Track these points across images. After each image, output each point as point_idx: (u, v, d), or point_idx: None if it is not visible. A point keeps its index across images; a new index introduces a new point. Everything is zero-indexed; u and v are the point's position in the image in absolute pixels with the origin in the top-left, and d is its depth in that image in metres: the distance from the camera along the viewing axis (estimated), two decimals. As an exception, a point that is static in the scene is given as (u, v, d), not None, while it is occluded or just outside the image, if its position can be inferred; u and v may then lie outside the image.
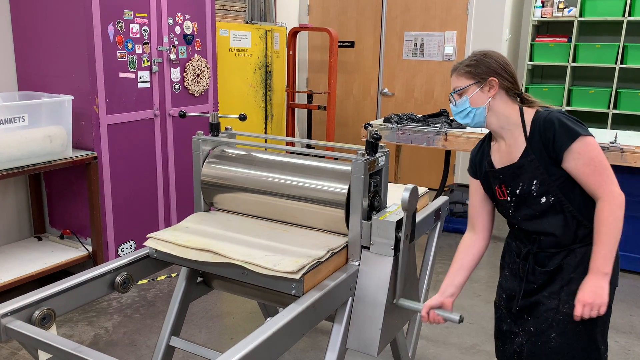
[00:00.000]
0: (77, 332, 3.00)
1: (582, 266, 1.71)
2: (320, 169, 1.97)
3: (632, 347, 2.99)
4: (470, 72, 1.75)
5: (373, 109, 6.21)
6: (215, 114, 2.20)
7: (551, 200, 1.71)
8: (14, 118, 3.02)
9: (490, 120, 1.77)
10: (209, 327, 3.10)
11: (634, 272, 3.99)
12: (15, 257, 3.41)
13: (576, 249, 1.73)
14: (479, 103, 1.75)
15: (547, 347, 1.74)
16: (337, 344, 1.81)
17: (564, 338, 1.72)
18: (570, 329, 1.71)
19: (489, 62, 1.74)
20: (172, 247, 1.88)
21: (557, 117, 1.67)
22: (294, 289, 1.68)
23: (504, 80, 1.74)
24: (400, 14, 5.86)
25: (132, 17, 3.50)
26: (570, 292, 1.70)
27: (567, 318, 1.71)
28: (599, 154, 1.65)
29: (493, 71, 1.73)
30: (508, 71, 1.75)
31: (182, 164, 4.01)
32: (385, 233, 1.82)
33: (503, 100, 1.75)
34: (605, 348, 1.78)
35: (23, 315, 1.57)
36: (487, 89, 1.74)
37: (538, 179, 1.71)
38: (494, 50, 1.80)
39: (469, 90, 1.76)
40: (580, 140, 1.63)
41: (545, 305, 1.75)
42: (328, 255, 1.80)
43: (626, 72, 5.53)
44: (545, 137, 1.67)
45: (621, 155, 3.64)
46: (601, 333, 1.75)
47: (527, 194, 1.74)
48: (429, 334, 3.06)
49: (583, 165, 1.64)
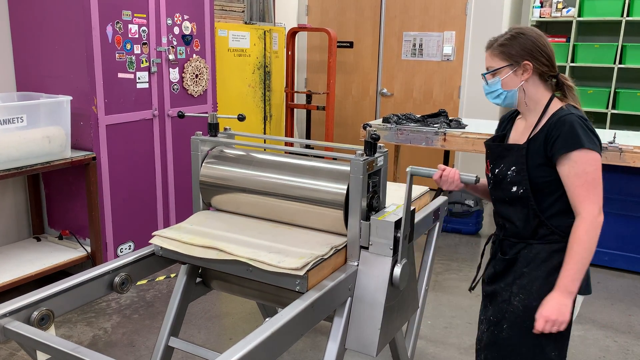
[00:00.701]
0: (75, 333, 3.00)
1: (535, 263, 1.73)
2: (319, 169, 1.97)
3: (630, 347, 3.00)
4: (504, 52, 1.72)
5: (372, 109, 6.21)
6: (214, 115, 2.20)
7: (520, 192, 1.73)
8: (12, 119, 3.02)
9: (520, 101, 1.77)
10: (208, 327, 3.10)
11: (633, 272, 3.99)
12: (13, 258, 3.41)
13: (533, 244, 1.74)
14: (511, 86, 1.74)
15: (500, 337, 1.79)
16: (336, 344, 1.81)
17: (514, 331, 1.76)
18: (519, 323, 1.74)
19: (524, 43, 1.69)
20: (177, 245, 1.89)
21: (572, 120, 1.64)
22: (298, 285, 1.70)
23: (539, 64, 1.70)
24: (399, 14, 5.86)
25: (130, 17, 3.49)
26: (522, 286, 1.74)
27: (516, 311, 1.75)
28: (595, 171, 1.62)
29: (528, 53, 1.69)
30: (544, 52, 1.70)
31: (181, 165, 4.01)
32: (384, 233, 1.81)
33: (535, 85, 1.73)
34: (559, 358, 1.75)
35: (21, 315, 1.56)
36: (520, 72, 1.71)
37: (517, 167, 1.73)
38: (532, 28, 1.75)
39: (502, 72, 1.73)
40: (581, 151, 1.61)
41: (501, 296, 1.80)
42: (331, 253, 1.82)
43: (625, 72, 5.53)
44: (550, 134, 1.67)
45: (620, 155, 3.65)
46: (553, 340, 1.72)
47: (503, 177, 1.77)
48: (428, 334, 3.06)
49: (574, 175, 1.63)
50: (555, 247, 1.72)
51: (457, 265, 4.06)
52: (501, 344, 1.79)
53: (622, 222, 3.95)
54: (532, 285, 1.73)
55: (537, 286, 1.72)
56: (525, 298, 1.74)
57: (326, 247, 1.82)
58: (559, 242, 1.71)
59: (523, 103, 1.77)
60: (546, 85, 1.75)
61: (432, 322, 3.22)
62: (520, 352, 1.75)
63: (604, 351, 2.95)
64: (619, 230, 3.97)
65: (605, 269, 4.05)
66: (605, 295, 3.63)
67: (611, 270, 4.03)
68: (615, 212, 3.95)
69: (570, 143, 1.62)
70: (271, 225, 2.04)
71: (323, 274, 1.78)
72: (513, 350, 1.76)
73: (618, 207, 3.93)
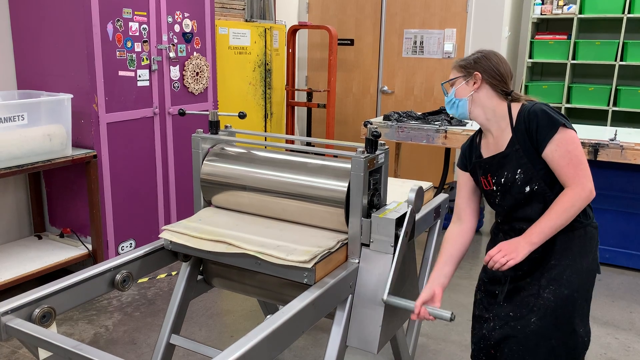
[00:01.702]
0: (77, 331, 3.01)
1: (563, 253, 1.79)
2: (320, 167, 1.98)
3: (632, 344, 3.00)
4: (460, 66, 1.89)
5: (373, 106, 6.21)
6: (214, 112, 2.20)
7: (535, 188, 1.77)
8: (13, 117, 3.02)
9: (476, 113, 1.87)
10: (209, 325, 3.11)
11: (634, 269, 3.99)
12: (15, 256, 3.41)
13: (557, 237, 1.77)
14: (463, 95, 1.88)
15: (527, 330, 1.80)
16: (337, 341, 1.81)
17: (544, 321, 1.78)
18: (549, 314, 1.78)
19: (480, 60, 1.85)
20: (187, 239, 1.92)
21: (541, 108, 1.75)
22: (306, 278, 1.72)
23: (489, 76, 1.83)
24: (399, 12, 5.85)
25: (131, 15, 3.49)
26: (551, 279, 1.78)
27: (547, 303, 1.78)
28: (576, 148, 1.70)
29: (480, 67, 1.84)
30: (496, 69, 1.83)
31: (182, 162, 4.01)
32: (385, 231, 1.82)
33: (488, 95, 1.85)
34: (585, 332, 1.84)
35: (23, 313, 1.57)
36: (472, 82, 1.85)
37: (522, 168, 1.78)
38: (495, 53, 1.88)
39: (456, 82, 1.90)
40: (561, 131, 1.70)
41: (527, 291, 1.82)
42: (338, 246, 1.85)
43: (626, 69, 5.52)
44: (529, 128, 1.74)
45: (621, 152, 3.65)
46: (580, 318, 1.81)
47: (512, 183, 1.81)
48: (429, 331, 3.06)
49: (559, 157, 1.70)
50: (577, 233, 1.79)
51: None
52: (529, 336, 1.80)
53: (624, 219, 3.95)
54: (562, 275, 1.78)
55: (568, 274, 1.78)
56: (556, 288, 1.78)
57: (333, 240, 1.85)
58: (579, 229, 1.79)
59: (479, 114, 1.87)
60: (500, 96, 1.85)
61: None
62: (551, 338, 1.79)
63: (605, 348, 2.95)
64: (620, 227, 3.97)
65: (607, 266, 4.05)
66: (607, 292, 3.63)
67: (612, 267, 4.03)
68: (617, 209, 3.95)
69: (550, 127, 1.71)
70: (277, 222, 2.06)
71: (330, 267, 1.81)
72: (542, 339, 1.79)
73: (619, 204, 3.93)
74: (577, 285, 1.78)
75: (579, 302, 1.79)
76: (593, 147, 3.71)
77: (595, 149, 3.71)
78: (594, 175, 1.77)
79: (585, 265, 1.80)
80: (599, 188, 4.51)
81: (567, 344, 1.80)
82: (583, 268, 1.79)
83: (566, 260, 1.78)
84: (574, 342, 1.81)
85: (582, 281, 1.80)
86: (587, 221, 1.82)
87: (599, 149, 3.70)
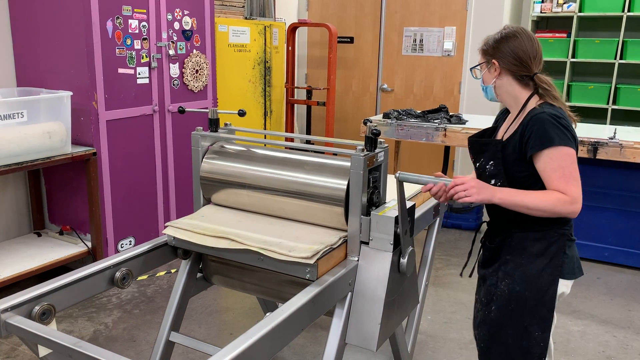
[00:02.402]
0: (77, 328, 3.01)
1: (517, 251, 1.84)
2: (320, 165, 1.98)
3: (630, 342, 3.00)
4: (482, 50, 1.89)
5: (372, 104, 6.20)
6: (214, 110, 2.20)
7: (498, 184, 1.82)
8: (13, 114, 3.02)
9: (502, 98, 1.90)
10: (208, 322, 3.11)
11: (633, 267, 4.00)
12: (14, 253, 3.41)
13: (515, 234, 1.85)
14: (488, 81, 1.90)
15: (489, 317, 1.91)
16: (337, 338, 1.82)
17: (501, 312, 1.87)
18: (504, 305, 1.86)
19: (500, 43, 1.83)
20: (190, 235, 1.94)
21: (544, 119, 1.72)
22: (308, 274, 1.74)
23: (508, 64, 1.82)
24: (399, 10, 5.85)
25: (130, 12, 3.49)
26: (506, 272, 1.86)
27: (503, 295, 1.86)
28: (570, 165, 1.70)
29: (498, 53, 1.82)
30: (515, 55, 1.80)
31: (181, 160, 4.01)
32: (384, 228, 1.82)
33: (510, 83, 1.85)
34: (542, 338, 1.85)
35: (23, 310, 1.57)
36: (493, 69, 1.86)
37: (494, 161, 1.83)
38: (517, 32, 1.83)
39: (481, 67, 1.91)
40: (553, 149, 1.70)
41: (490, 280, 1.92)
42: (340, 242, 1.86)
43: (626, 67, 5.52)
44: (524, 133, 1.75)
45: (620, 150, 3.65)
46: (535, 320, 1.83)
47: (483, 170, 1.88)
48: (427, 329, 3.07)
49: (551, 170, 1.71)
50: (536, 235, 1.82)
51: (457, 261, 4.07)
52: (490, 324, 1.91)
53: (622, 217, 3.95)
54: (515, 272, 1.84)
55: (520, 272, 1.83)
56: (510, 283, 1.85)
57: (335, 237, 1.86)
58: (538, 231, 1.81)
59: (505, 99, 1.89)
60: (522, 84, 1.84)
61: (432, 317, 3.22)
62: (507, 331, 1.87)
63: (604, 346, 2.96)
64: (619, 225, 3.97)
65: (605, 264, 4.06)
66: (605, 290, 3.64)
67: (611, 265, 4.04)
68: (616, 207, 3.95)
69: (541, 142, 1.71)
70: (279, 219, 2.07)
71: (332, 263, 1.82)
72: (501, 329, 1.88)
73: (618, 203, 3.93)
74: (530, 286, 1.81)
75: (532, 303, 1.82)
76: (592, 145, 3.71)
77: (594, 148, 3.71)
78: (592, 173, 1.79)
79: (540, 268, 1.80)
80: (598, 186, 4.54)
81: (521, 344, 1.84)
82: (537, 271, 1.81)
83: (520, 259, 1.83)
84: (528, 343, 1.83)
85: (536, 284, 1.81)
86: (553, 227, 1.81)
87: (598, 147, 3.70)
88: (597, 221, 4.03)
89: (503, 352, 1.89)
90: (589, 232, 4.07)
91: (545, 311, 1.83)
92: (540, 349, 1.84)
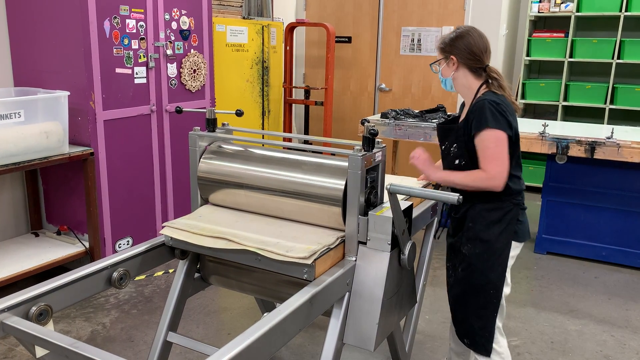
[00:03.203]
0: (74, 328, 3.01)
1: (477, 219, 2.12)
2: (317, 165, 1.98)
3: (627, 341, 3.01)
4: (440, 48, 2.18)
5: (370, 104, 6.21)
6: (211, 110, 2.20)
7: (462, 164, 2.12)
8: (10, 114, 3.01)
9: (458, 89, 2.20)
10: (206, 322, 3.11)
11: (630, 267, 4.00)
12: (12, 254, 3.41)
13: (475, 204, 2.13)
14: (446, 75, 2.19)
15: (458, 276, 2.21)
16: (334, 338, 1.81)
17: (464, 272, 2.18)
18: (467, 267, 2.16)
19: (455, 41, 2.12)
20: (187, 235, 1.93)
21: (484, 105, 2.02)
22: (306, 274, 1.74)
23: (464, 59, 2.11)
24: (397, 9, 5.85)
25: (128, 12, 3.48)
26: (468, 237, 2.15)
27: (466, 258, 2.16)
28: (495, 147, 2.00)
29: (455, 49, 2.11)
30: (470, 51, 2.10)
31: (179, 160, 4.01)
32: (382, 229, 1.82)
33: (465, 75, 2.14)
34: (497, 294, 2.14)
35: (20, 311, 1.57)
36: (451, 64, 2.15)
37: (457, 144, 2.13)
38: (469, 31, 2.13)
39: (440, 63, 2.20)
40: (485, 131, 2.00)
41: (456, 246, 2.22)
42: (338, 242, 1.86)
43: (623, 67, 5.53)
44: (469, 117, 2.07)
45: (617, 150, 3.65)
46: (494, 276, 2.13)
47: (447, 152, 2.19)
48: (425, 328, 3.07)
49: (480, 149, 2.04)
50: (493, 205, 2.11)
51: (455, 261, 4.07)
52: (457, 284, 2.22)
53: (620, 217, 3.96)
54: (476, 236, 2.13)
55: (481, 237, 2.12)
56: (472, 247, 2.14)
57: (333, 237, 1.86)
58: (494, 202, 2.10)
59: (460, 89, 2.19)
60: (476, 75, 2.13)
61: (429, 317, 3.23)
62: (469, 290, 2.17)
63: (601, 345, 2.97)
64: (616, 225, 3.98)
65: (603, 263, 4.06)
66: (603, 290, 3.64)
67: (609, 265, 4.05)
68: (613, 207, 3.96)
69: (479, 124, 2.01)
70: (276, 219, 2.07)
71: (329, 263, 1.82)
72: (465, 288, 2.19)
73: (616, 202, 3.94)
74: (489, 248, 2.11)
75: (490, 264, 2.11)
76: (590, 145, 3.72)
77: (592, 147, 3.72)
78: (590, 172, 1.83)
79: (497, 233, 2.10)
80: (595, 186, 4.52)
81: (481, 300, 2.15)
82: (494, 235, 2.10)
83: (480, 226, 2.12)
84: (486, 299, 2.14)
85: (494, 246, 2.10)
86: (504, 197, 2.09)
87: (595, 147, 3.71)
88: (594, 221, 4.04)
89: (467, 308, 2.19)
90: (587, 231, 4.08)
91: (501, 270, 2.13)
92: (493, 305, 2.15)
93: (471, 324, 2.19)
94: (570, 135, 3.85)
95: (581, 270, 3.94)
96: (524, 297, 3.51)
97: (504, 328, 2.55)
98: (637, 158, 3.61)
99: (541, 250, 4.25)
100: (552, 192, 4.12)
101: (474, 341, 2.20)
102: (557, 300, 3.48)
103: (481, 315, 2.16)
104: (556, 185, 4.10)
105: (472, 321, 2.18)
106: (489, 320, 2.16)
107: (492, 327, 2.17)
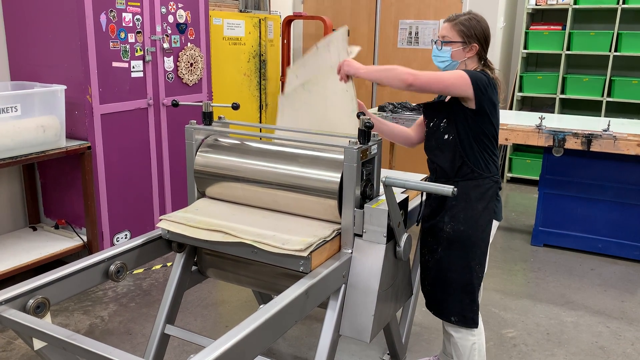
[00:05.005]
0: (72, 322, 3.02)
1: (460, 196, 2.11)
2: (313, 158, 1.98)
3: (622, 333, 3.03)
4: (462, 31, 2.11)
5: (368, 97, 6.20)
6: (207, 103, 2.20)
7: (450, 138, 2.12)
8: (6, 108, 3.01)
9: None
10: (204, 315, 3.12)
11: (626, 258, 4.02)
12: (10, 247, 3.41)
13: (458, 182, 2.13)
14: (457, 58, 2.16)
15: (436, 258, 2.21)
16: (331, 330, 1.83)
17: (445, 252, 2.18)
18: (449, 246, 2.16)
19: (480, 30, 2.11)
20: (184, 228, 1.94)
21: (475, 71, 2.06)
22: (302, 266, 1.75)
23: (482, 49, 2.13)
24: (394, 2, 5.84)
25: (124, 5, 3.47)
26: (451, 216, 2.14)
27: (449, 236, 2.15)
28: (448, 78, 2.02)
29: (478, 38, 2.11)
30: (487, 38, 2.14)
31: (176, 153, 4.01)
32: (377, 221, 1.83)
33: (473, 61, 2.16)
34: (481, 270, 2.18)
35: (17, 304, 1.58)
36: (468, 50, 2.12)
37: (447, 119, 2.13)
38: (480, 16, 2.15)
39: (454, 45, 2.13)
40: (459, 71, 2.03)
41: (437, 227, 2.19)
42: (333, 235, 1.87)
43: (620, 59, 5.54)
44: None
45: (614, 143, 3.66)
46: (476, 255, 2.15)
47: (436, 128, 2.18)
48: (422, 320, 3.09)
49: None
50: (475, 183, 2.12)
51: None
52: (437, 265, 2.21)
53: (616, 209, 3.97)
54: (459, 214, 2.13)
55: (464, 214, 2.13)
56: (455, 225, 2.14)
57: (328, 230, 1.87)
58: (477, 179, 2.12)
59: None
60: (477, 60, 2.16)
61: (426, 308, 3.24)
62: (451, 268, 2.17)
63: (597, 336, 2.99)
64: (612, 217, 3.99)
65: (599, 255, 4.08)
66: (599, 281, 3.66)
67: (605, 257, 4.07)
68: (609, 199, 3.97)
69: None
70: (273, 212, 2.07)
71: (325, 255, 1.83)
72: (447, 267, 2.18)
73: (612, 195, 3.95)
74: (472, 225, 2.12)
75: (473, 240, 2.13)
76: (586, 137, 3.73)
77: (588, 140, 3.73)
78: (586, 165, 1.84)
79: (480, 209, 2.12)
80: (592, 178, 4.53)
81: (464, 277, 2.15)
82: (477, 211, 2.12)
83: (462, 203, 2.12)
84: (470, 276, 2.15)
85: (477, 223, 2.12)
86: (486, 174, 2.12)
87: (592, 139, 3.72)
88: (591, 213, 4.05)
89: (448, 287, 2.19)
90: (583, 223, 4.09)
91: (484, 246, 2.16)
92: (478, 279, 2.17)
93: (460, 300, 2.18)
94: (567, 128, 3.86)
95: (577, 263, 3.96)
96: (520, 289, 3.53)
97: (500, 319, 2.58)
98: (634, 150, 3.62)
99: (538, 242, 4.27)
100: (548, 185, 4.14)
101: (462, 317, 2.20)
102: (553, 292, 3.49)
103: (468, 291, 2.17)
104: (553, 177, 4.11)
105: (460, 297, 2.18)
106: (475, 294, 2.19)
107: (478, 299, 2.21)
